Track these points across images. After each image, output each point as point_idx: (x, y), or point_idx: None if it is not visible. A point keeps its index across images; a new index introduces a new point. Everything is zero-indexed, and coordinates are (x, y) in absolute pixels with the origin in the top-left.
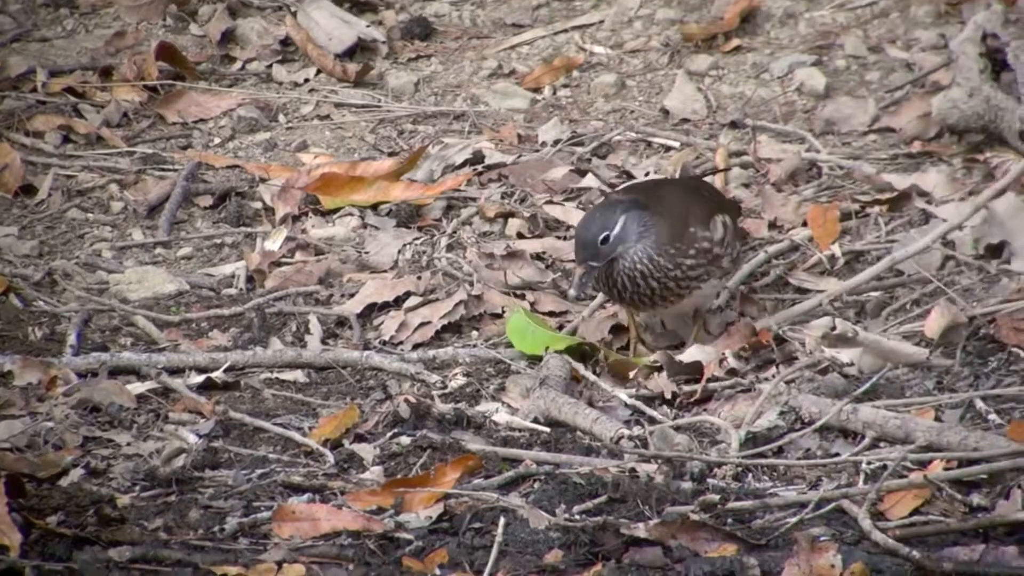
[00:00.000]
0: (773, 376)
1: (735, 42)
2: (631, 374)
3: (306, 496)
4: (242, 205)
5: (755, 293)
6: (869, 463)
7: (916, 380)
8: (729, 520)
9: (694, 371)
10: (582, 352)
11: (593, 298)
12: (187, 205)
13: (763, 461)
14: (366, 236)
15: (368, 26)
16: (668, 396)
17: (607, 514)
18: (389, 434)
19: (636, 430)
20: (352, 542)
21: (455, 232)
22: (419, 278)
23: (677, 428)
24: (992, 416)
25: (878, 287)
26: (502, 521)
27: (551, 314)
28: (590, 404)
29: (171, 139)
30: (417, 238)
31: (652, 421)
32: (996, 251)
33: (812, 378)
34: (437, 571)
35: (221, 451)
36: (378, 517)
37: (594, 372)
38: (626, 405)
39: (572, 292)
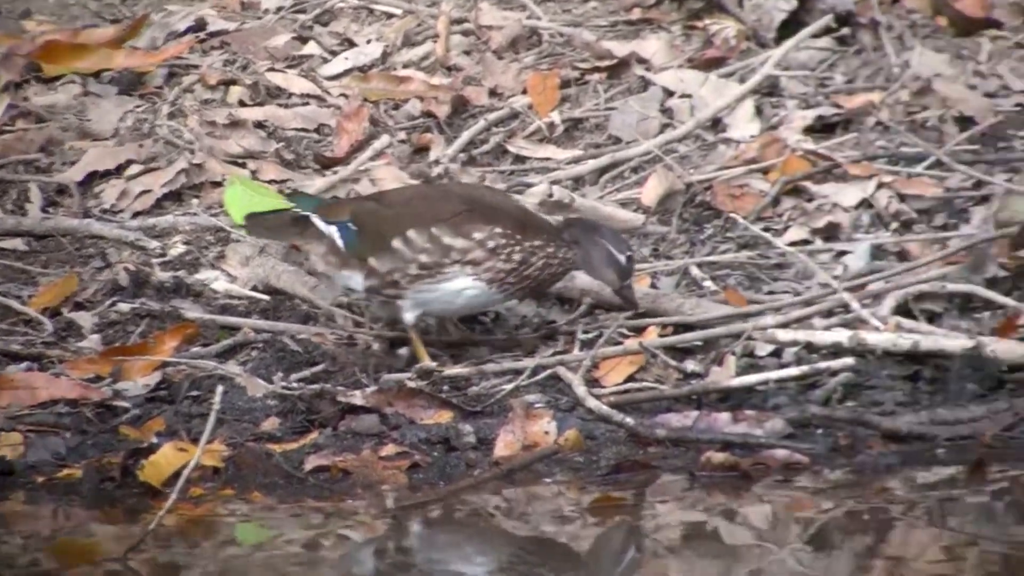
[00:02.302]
0: None
1: None
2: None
3: (24, 364)
4: None
5: (474, 161)
6: (585, 330)
7: (633, 246)
8: (445, 387)
9: None
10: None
11: None
12: None
13: (482, 338)
14: (88, 104)
15: None
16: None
17: (324, 382)
18: (108, 302)
19: (353, 297)
20: (70, 410)
21: (177, 100)
22: (141, 146)
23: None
24: (707, 283)
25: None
26: (219, 389)
27: (272, 182)
28: (309, 272)
29: None
30: (139, 106)
31: None
32: (714, 123)
33: None
34: (154, 439)
35: None
36: (96, 385)
37: None
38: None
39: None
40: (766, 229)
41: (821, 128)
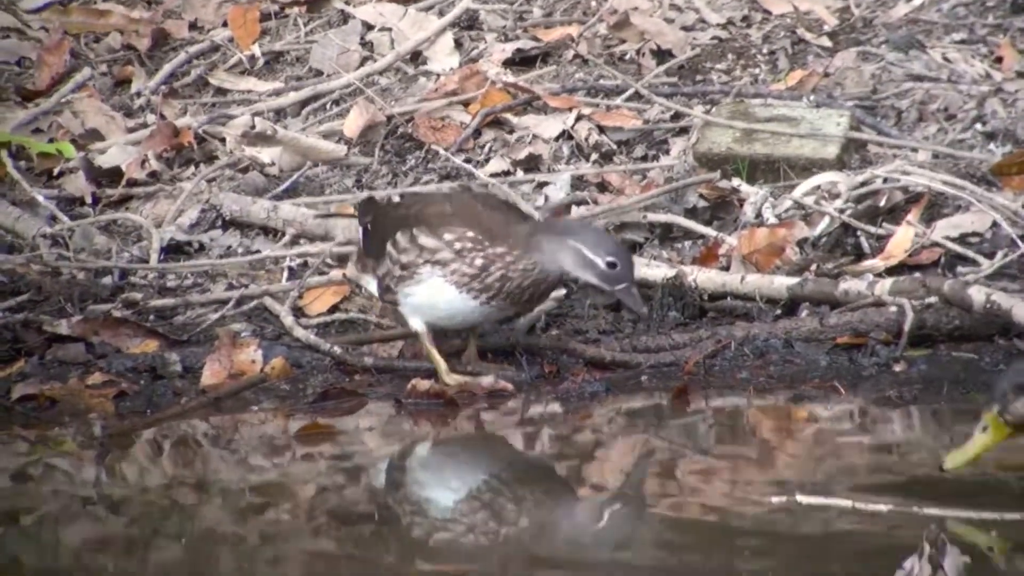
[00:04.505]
0: (194, 175)
1: None
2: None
3: None
4: None
5: (176, 94)
6: (292, 260)
7: (336, 178)
8: (151, 317)
9: (115, 175)
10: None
11: None
12: None
13: (186, 264)
14: None
15: None
16: (89, 199)
17: (29, 311)
18: None
19: (57, 228)
20: None
21: None
22: None
23: (99, 226)
24: None
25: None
26: None
27: None
28: (13, 203)
29: None
30: None
31: (74, 218)
32: (414, 56)
33: (233, 176)
34: None
35: None
36: None
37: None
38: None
39: (646, 310)
40: (468, 160)
41: (520, 61)
